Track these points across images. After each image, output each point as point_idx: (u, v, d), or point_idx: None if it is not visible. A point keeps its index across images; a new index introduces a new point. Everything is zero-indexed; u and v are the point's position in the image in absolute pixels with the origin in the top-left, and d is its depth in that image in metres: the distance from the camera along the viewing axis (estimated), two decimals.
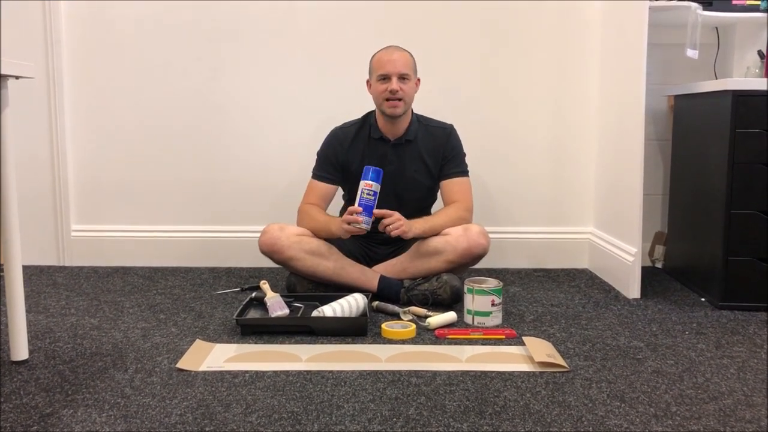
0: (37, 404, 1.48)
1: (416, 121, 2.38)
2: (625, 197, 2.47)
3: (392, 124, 2.33)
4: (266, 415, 1.43)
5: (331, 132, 2.42)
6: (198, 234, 2.86)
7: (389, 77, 2.24)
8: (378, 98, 2.29)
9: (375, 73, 2.28)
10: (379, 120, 2.35)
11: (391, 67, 2.24)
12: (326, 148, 2.40)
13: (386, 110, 2.27)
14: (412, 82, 2.29)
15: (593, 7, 2.75)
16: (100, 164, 2.85)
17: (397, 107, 2.26)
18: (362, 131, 2.38)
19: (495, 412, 1.44)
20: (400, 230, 2.16)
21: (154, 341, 1.89)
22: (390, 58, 2.26)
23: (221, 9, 2.76)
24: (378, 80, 2.27)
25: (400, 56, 2.27)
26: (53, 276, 2.67)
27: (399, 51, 2.29)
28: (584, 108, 2.82)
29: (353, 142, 2.37)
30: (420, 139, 2.37)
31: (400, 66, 2.25)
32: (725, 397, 1.53)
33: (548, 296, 2.40)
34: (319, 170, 2.40)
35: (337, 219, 2.24)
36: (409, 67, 2.28)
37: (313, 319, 1.97)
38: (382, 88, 2.26)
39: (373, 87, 2.30)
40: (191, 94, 2.81)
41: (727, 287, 2.23)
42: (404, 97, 2.26)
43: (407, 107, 2.31)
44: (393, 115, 2.28)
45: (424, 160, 2.36)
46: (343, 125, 2.42)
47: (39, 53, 2.75)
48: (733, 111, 2.17)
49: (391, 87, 2.23)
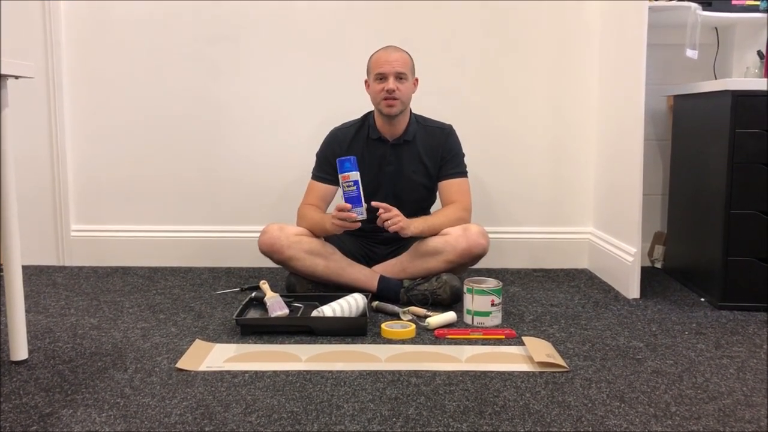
0: (37, 404, 1.48)
1: (415, 122, 2.38)
2: (624, 197, 2.47)
3: (390, 125, 2.33)
4: (266, 415, 1.43)
5: (330, 132, 2.42)
6: (198, 234, 2.86)
7: (386, 77, 2.25)
8: (375, 98, 2.29)
9: (372, 73, 2.29)
10: (378, 120, 2.35)
11: (388, 67, 2.24)
12: (325, 149, 2.40)
13: (383, 109, 2.27)
14: (409, 82, 2.30)
15: (593, 7, 2.75)
16: (100, 164, 2.85)
17: (394, 106, 2.26)
18: (361, 132, 2.38)
19: (494, 412, 1.44)
20: (398, 226, 2.15)
21: (154, 341, 1.89)
22: (387, 58, 2.26)
23: (221, 9, 2.76)
24: (375, 80, 2.27)
25: (397, 56, 2.27)
26: (53, 276, 2.67)
27: (397, 51, 2.29)
28: (584, 108, 2.82)
29: (352, 143, 2.37)
30: (419, 139, 2.37)
31: (397, 65, 2.25)
32: (725, 397, 1.53)
33: (548, 296, 2.40)
34: (318, 171, 2.40)
35: (329, 215, 2.24)
36: (406, 66, 2.28)
37: (313, 319, 1.97)
38: (379, 87, 2.26)
39: (371, 87, 2.31)
40: (191, 94, 2.81)
41: (726, 287, 2.23)
42: (401, 96, 2.26)
43: (404, 107, 2.31)
44: (390, 115, 2.28)
45: (422, 161, 2.36)
46: (342, 126, 2.42)
47: (39, 53, 2.75)
48: (732, 111, 2.17)
49: (387, 86, 2.23)
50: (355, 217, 2.11)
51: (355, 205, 2.11)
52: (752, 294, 2.22)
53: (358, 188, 2.11)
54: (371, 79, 2.30)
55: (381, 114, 2.31)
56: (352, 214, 2.10)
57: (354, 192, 2.11)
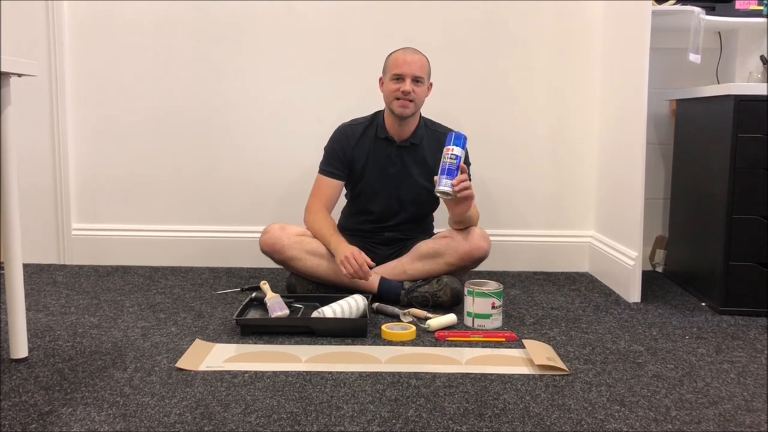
0: (36, 402, 1.48)
1: (423, 125, 2.38)
2: (626, 201, 2.47)
3: (399, 126, 2.32)
4: (265, 415, 1.43)
5: (339, 128, 2.40)
6: (198, 234, 2.86)
7: (403, 78, 2.24)
8: (389, 96, 2.28)
9: (390, 72, 2.27)
10: (387, 120, 2.35)
11: (406, 68, 2.23)
12: (334, 143, 2.38)
13: (395, 109, 2.26)
14: (425, 86, 2.29)
15: (596, 11, 2.75)
16: (101, 163, 2.85)
17: (407, 107, 2.25)
18: (369, 130, 2.37)
19: (494, 415, 1.44)
20: (469, 192, 2.13)
21: (154, 340, 1.89)
22: (406, 59, 2.25)
23: (224, 8, 2.76)
24: (392, 79, 2.26)
25: (416, 59, 2.26)
26: (53, 274, 2.67)
27: (416, 53, 2.28)
28: (586, 111, 2.82)
29: (360, 140, 2.36)
30: (425, 143, 2.36)
31: (415, 68, 2.24)
32: (725, 402, 1.53)
33: (548, 299, 2.40)
34: (326, 165, 2.38)
35: (343, 247, 2.18)
36: (424, 70, 2.27)
37: (313, 320, 1.97)
38: (394, 87, 2.25)
39: (386, 85, 2.29)
40: (193, 93, 2.81)
41: (727, 292, 2.23)
42: (415, 99, 2.25)
43: (416, 109, 2.30)
44: (401, 115, 2.27)
45: (428, 165, 2.35)
46: (352, 122, 2.41)
47: (41, 52, 2.75)
48: (734, 116, 2.17)
49: (404, 87, 2.22)
50: (369, 274, 2.13)
51: (448, 176, 2.09)
52: (753, 299, 2.21)
53: (458, 163, 2.10)
54: (387, 78, 2.29)
55: (392, 114, 2.30)
56: (367, 270, 2.12)
57: (453, 165, 2.10)
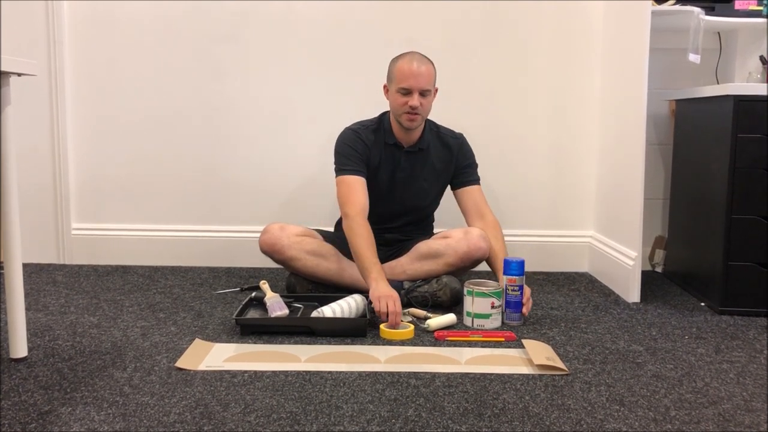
0: (36, 402, 1.48)
1: (429, 129, 2.36)
2: (625, 201, 2.47)
3: (406, 133, 2.31)
4: (265, 415, 1.43)
5: (350, 129, 2.34)
6: (198, 234, 2.86)
7: (411, 92, 2.19)
8: (397, 109, 2.24)
9: (396, 84, 2.21)
10: (395, 126, 2.32)
11: (413, 82, 2.17)
12: (352, 144, 2.29)
13: (404, 122, 2.24)
14: (431, 95, 2.26)
15: (596, 11, 2.75)
16: (101, 163, 2.85)
17: (415, 121, 2.23)
18: (378, 135, 2.34)
19: (494, 415, 1.44)
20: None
21: (154, 340, 1.89)
22: (413, 71, 2.17)
23: (224, 8, 2.76)
24: (399, 91, 2.20)
25: (424, 70, 2.19)
26: (53, 274, 2.67)
27: (423, 63, 2.20)
28: (586, 112, 2.82)
29: (374, 143, 2.33)
30: (432, 147, 2.36)
31: (423, 82, 2.18)
32: (724, 402, 1.53)
33: (548, 299, 2.40)
34: (348, 164, 2.26)
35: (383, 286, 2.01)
36: (431, 81, 2.22)
37: (313, 320, 1.97)
38: (402, 101, 2.20)
39: (392, 96, 2.24)
40: (193, 93, 2.81)
41: (727, 292, 2.23)
42: (422, 112, 2.23)
43: (424, 119, 2.29)
44: (410, 128, 2.26)
45: (435, 169, 2.35)
46: (361, 126, 2.35)
47: (41, 51, 2.75)
48: (734, 116, 2.17)
49: (412, 103, 2.18)
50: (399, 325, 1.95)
51: (514, 310, 2.06)
52: (753, 299, 2.22)
53: (521, 292, 2.06)
54: (393, 88, 2.23)
55: (400, 124, 2.28)
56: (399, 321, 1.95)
57: (517, 297, 2.06)
